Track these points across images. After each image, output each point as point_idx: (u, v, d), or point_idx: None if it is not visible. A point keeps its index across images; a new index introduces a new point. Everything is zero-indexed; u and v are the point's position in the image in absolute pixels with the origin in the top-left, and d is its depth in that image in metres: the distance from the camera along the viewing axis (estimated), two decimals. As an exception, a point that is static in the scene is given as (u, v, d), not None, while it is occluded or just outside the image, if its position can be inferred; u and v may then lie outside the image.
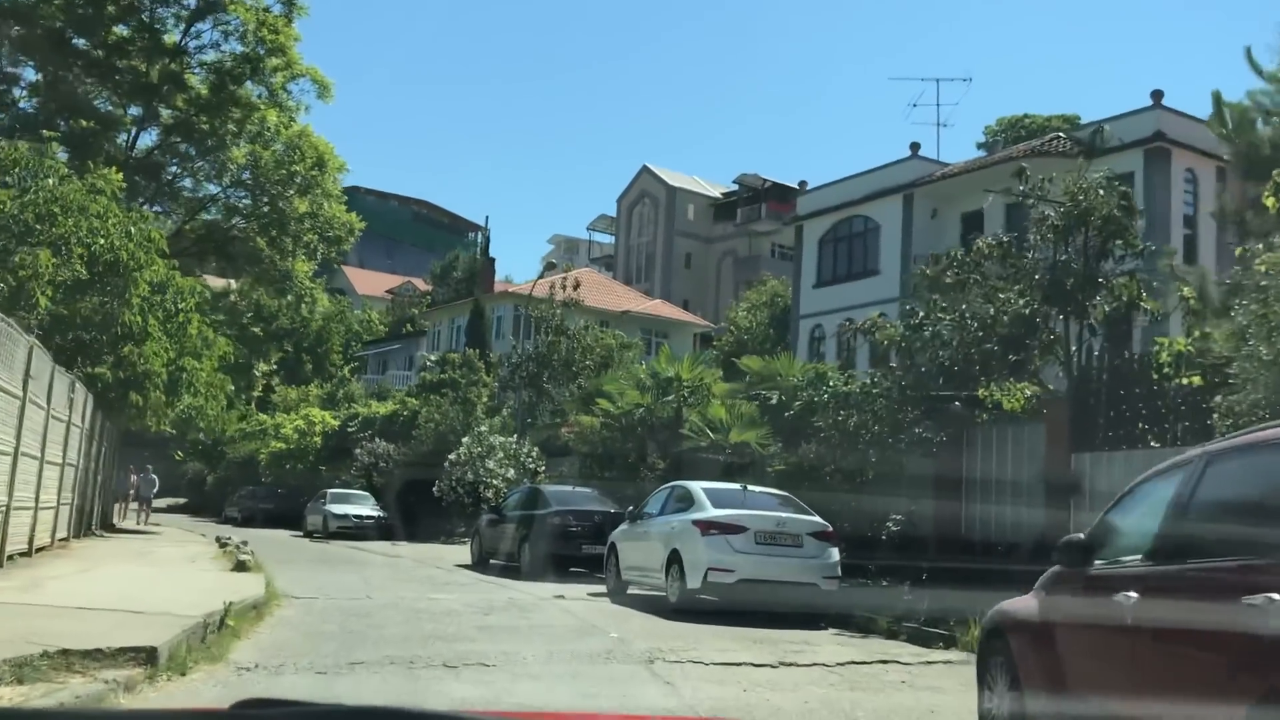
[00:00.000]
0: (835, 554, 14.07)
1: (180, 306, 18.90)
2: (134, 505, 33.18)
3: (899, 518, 16.42)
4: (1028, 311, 15.90)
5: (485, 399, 34.68)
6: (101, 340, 17.30)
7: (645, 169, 77.78)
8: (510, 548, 19.29)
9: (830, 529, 14.29)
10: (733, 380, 24.94)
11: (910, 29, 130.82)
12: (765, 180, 74.00)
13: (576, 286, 37.86)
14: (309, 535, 34.52)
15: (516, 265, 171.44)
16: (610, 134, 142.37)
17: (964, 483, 16.48)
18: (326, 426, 45.06)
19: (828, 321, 33.53)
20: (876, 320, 19.27)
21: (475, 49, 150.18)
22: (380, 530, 33.42)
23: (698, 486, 15.36)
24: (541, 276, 41.20)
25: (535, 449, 31.24)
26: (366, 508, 34.43)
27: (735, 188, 76.38)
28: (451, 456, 31.01)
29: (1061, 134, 31.34)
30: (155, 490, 29.03)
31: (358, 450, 38.56)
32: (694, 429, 21.35)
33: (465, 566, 20.71)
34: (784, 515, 14.23)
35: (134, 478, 29.98)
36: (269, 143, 28.67)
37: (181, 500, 57.86)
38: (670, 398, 23.42)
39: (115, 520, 29.16)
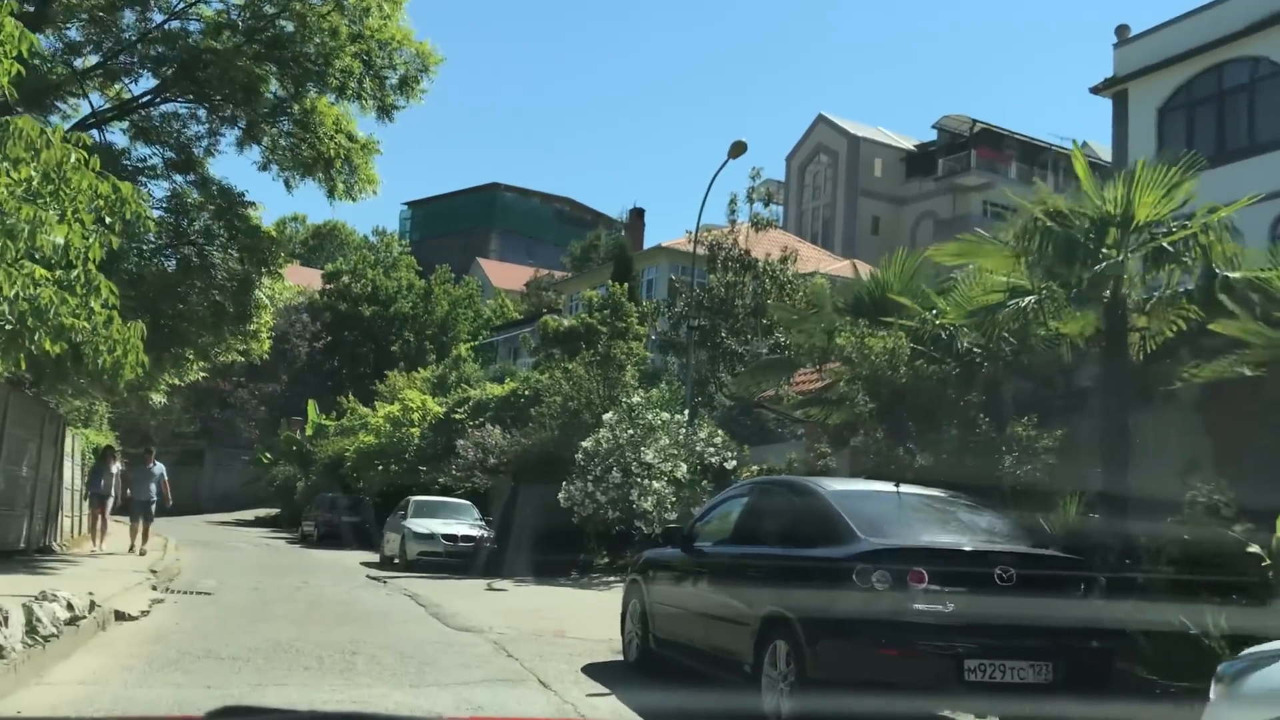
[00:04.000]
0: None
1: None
2: (122, 517, 21.31)
3: None
4: None
5: (636, 363, 22.93)
6: None
7: (821, 119, 65.31)
8: (734, 643, 7.09)
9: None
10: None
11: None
12: (974, 123, 60.58)
13: (768, 202, 25.88)
14: (386, 563, 23.50)
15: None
16: (773, 92, 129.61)
17: None
18: (429, 415, 34.18)
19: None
20: None
21: (614, 36, 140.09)
22: (482, 558, 22.09)
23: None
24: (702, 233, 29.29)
25: (719, 431, 19.32)
26: (465, 524, 23.15)
27: (933, 137, 63.44)
28: (587, 444, 19.39)
29: None
30: (154, 493, 17.43)
31: (460, 443, 27.41)
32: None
33: (617, 665, 8.97)
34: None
35: (115, 470, 18.23)
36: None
37: (273, 511, 48.22)
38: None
39: (94, 538, 18.14)
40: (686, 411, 19.52)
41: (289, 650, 8.74)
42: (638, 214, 43.89)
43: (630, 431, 18.93)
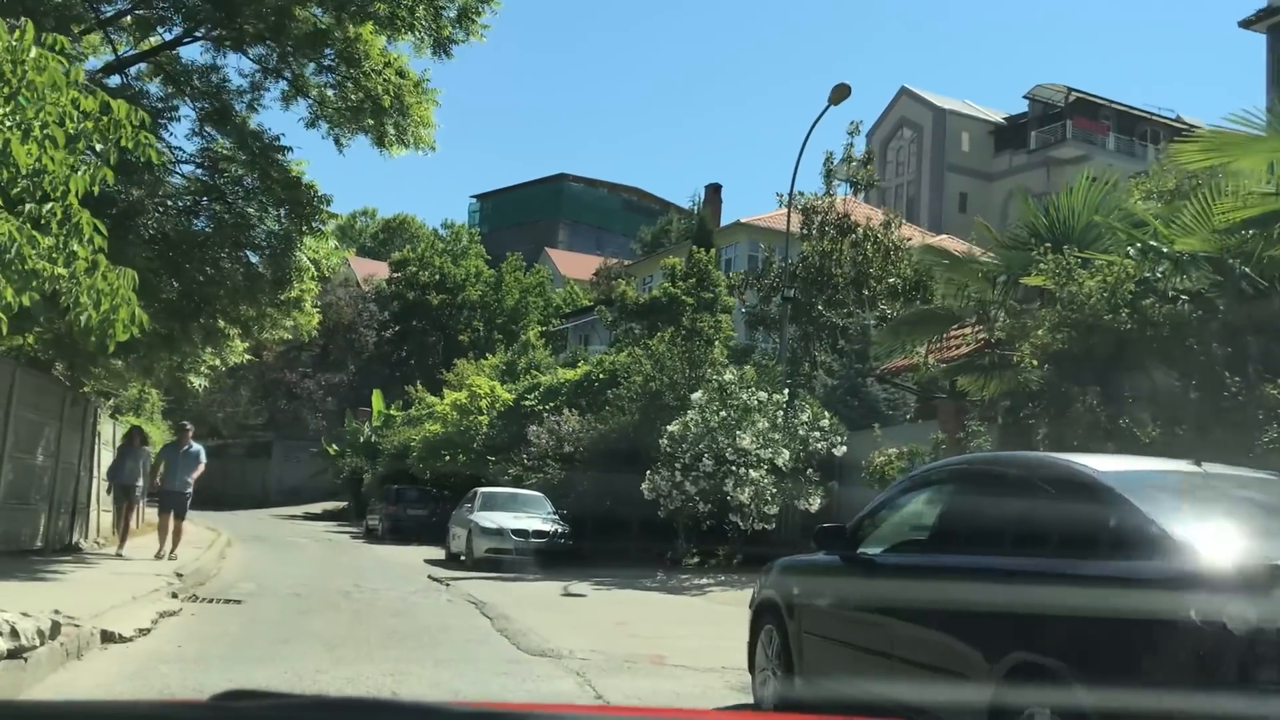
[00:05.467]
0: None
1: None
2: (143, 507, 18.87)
3: None
4: None
5: (724, 339, 20.52)
6: None
7: (904, 91, 62.16)
8: (948, 697, 4.70)
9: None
10: None
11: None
12: (1069, 91, 57.02)
13: (868, 160, 23.30)
14: (451, 560, 21.48)
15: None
16: (852, 68, 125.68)
17: None
18: (498, 402, 32.12)
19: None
20: None
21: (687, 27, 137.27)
22: (558, 554, 19.90)
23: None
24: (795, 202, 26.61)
25: (825, 413, 16.88)
26: (537, 518, 20.97)
27: (1024, 108, 59.93)
28: (672, 428, 17.06)
29: None
30: (189, 482, 14.90)
31: (532, 429, 25.27)
32: None
33: (746, 714, 6.65)
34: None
35: (141, 455, 15.47)
36: None
37: (341, 504, 46.74)
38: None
39: (119, 537, 15.90)
40: (786, 391, 17.08)
41: (310, 689, 6.55)
42: (714, 190, 41.35)
43: (722, 414, 16.56)
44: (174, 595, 11.11)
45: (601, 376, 26.83)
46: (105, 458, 20.06)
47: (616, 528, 19.51)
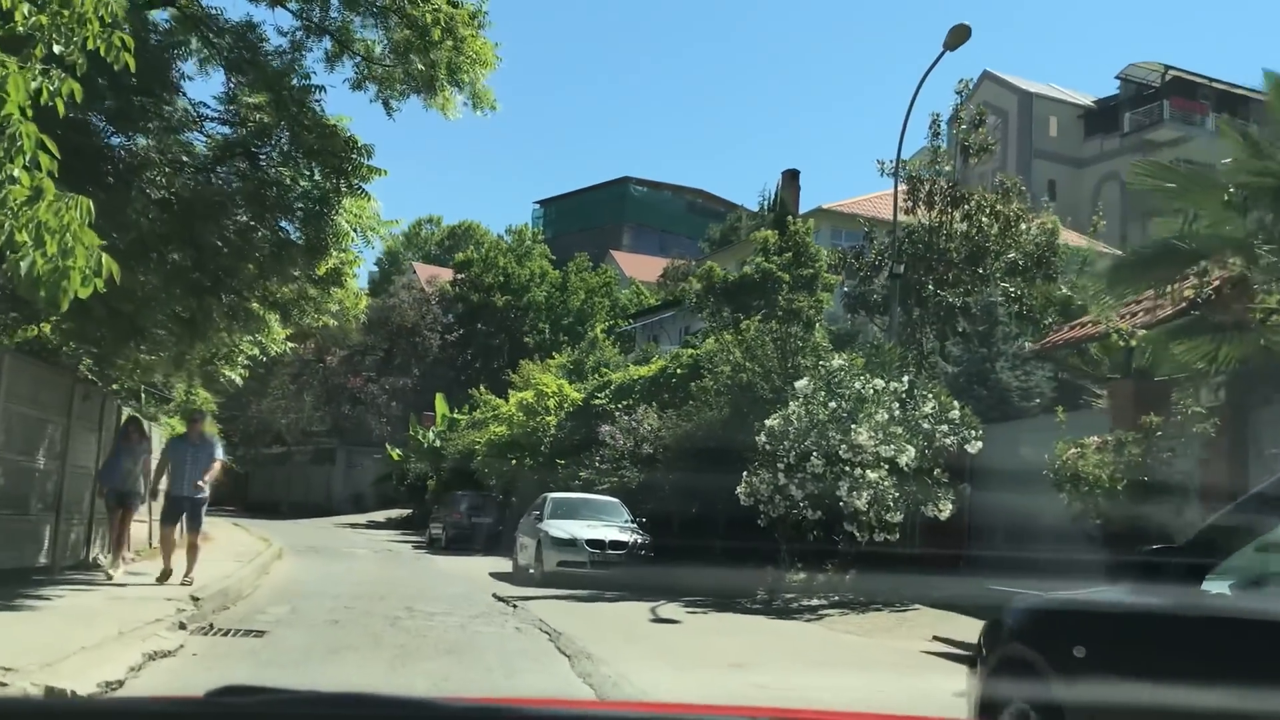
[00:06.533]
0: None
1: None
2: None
3: None
4: None
5: (825, 322, 18.08)
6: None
7: (987, 76, 58.83)
8: None
9: None
10: None
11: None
12: (1165, 69, 53.50)
13: (980, 122, 20.73)
14: (519, 575, 19.31)
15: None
16: (930, 52, 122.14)
17: None
18: (566, 401, 29.97)
19: None
20: None
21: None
22: (637, 570, 17.60)
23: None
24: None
25: (955, 403, 14.38)
26: (614, 526, 18.69)
27: (1115, 90, 56.46)
28: (771, 422, 14.65)
29: None
30: (203, 486, 11.95)
31: (605, 429, 23.05)
32: None
33: None
34: None
35: (140, 452, 13.04)
36: None
37: (405, 512, 44.97)
38: None
39: (115, 555, 13.16)
40: (906, 379, 14.58)
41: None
42: (791, 176, 38.72)
43: (831, 405, 14.11)
44: (181, 626, 9.02)
45: (679, 371, 24.52)
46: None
47: (704, 537, 17.16)
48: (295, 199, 11.35)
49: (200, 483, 11.92)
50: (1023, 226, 19.78)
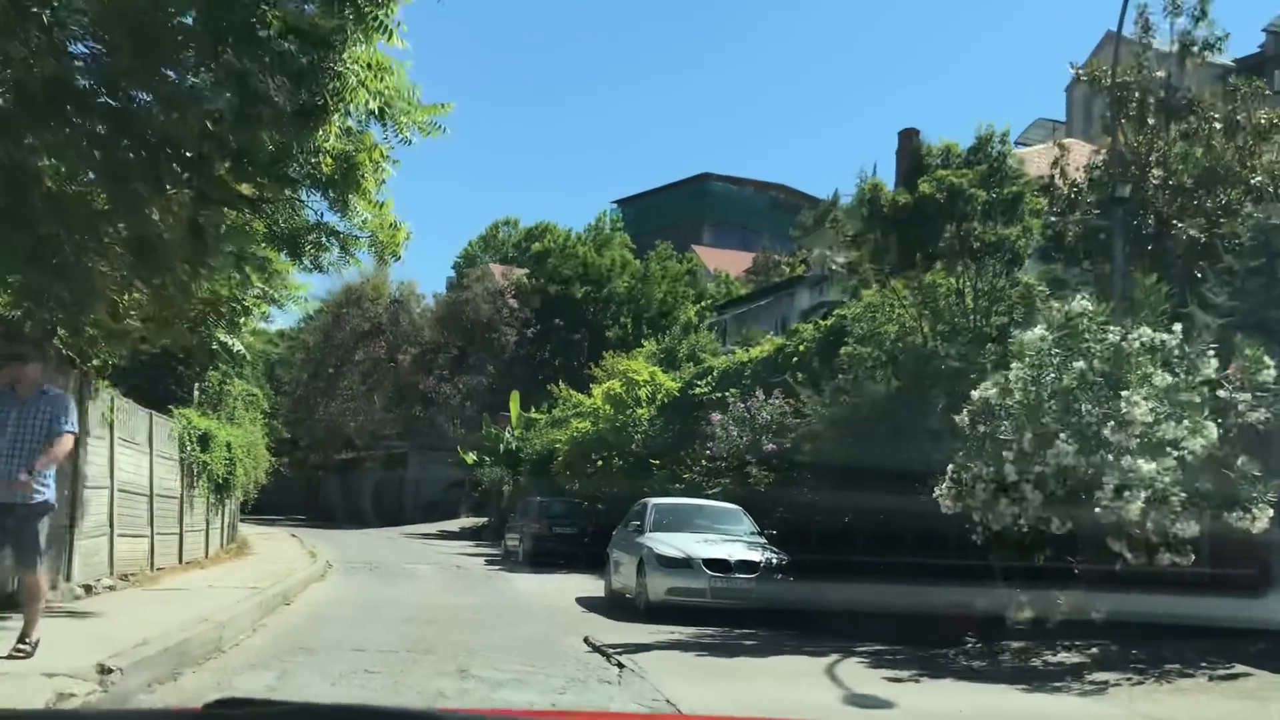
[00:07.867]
0: None
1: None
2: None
3: None
4: None
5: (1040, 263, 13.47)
6: None
7: (1110, 36, 53.28)
8: None
9: None
10: None
11: None
12: (1324, 15, 47.41)
13: (1202, 14, 15.90)
14: (615, 602, 15.02)
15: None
16: (1045, 16, 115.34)
17: None
18: (661, 391, 25.63)
19: None
20: None
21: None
22: (774, 594, 13.17)
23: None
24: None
25: (1266, 360, 9.64)
26: (739, 542, 14.26)
27: (1259, 44, 50.60)
28: (985, 391, 10.05)
29: None
30: (44, 480, 6.98)
31: (714, 418, 18.67)
32: None
33: None
34: None
35: None
36: None
37: (480, 520, 41.06)
38: None
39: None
40: (1178, 327, 9.90)
41: None
42: (908, 135, 33.87)
43: (1079, 365, 9.51)
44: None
45: (802, 348, 20.01)
46: (141, 465, 14.35)
47: (860, 554, 12.72)
48: (274, 34, 7.13)
49: (23, 476, 6.74)
50: (1276, 139, 14.98)
